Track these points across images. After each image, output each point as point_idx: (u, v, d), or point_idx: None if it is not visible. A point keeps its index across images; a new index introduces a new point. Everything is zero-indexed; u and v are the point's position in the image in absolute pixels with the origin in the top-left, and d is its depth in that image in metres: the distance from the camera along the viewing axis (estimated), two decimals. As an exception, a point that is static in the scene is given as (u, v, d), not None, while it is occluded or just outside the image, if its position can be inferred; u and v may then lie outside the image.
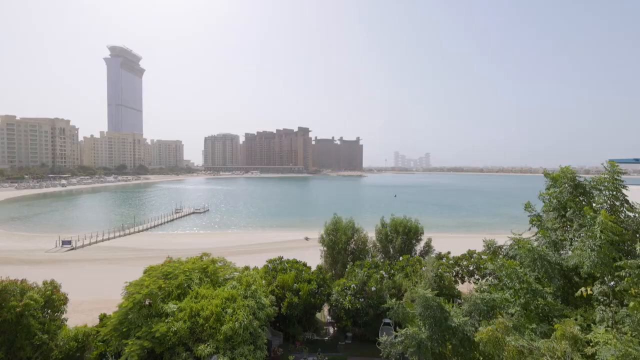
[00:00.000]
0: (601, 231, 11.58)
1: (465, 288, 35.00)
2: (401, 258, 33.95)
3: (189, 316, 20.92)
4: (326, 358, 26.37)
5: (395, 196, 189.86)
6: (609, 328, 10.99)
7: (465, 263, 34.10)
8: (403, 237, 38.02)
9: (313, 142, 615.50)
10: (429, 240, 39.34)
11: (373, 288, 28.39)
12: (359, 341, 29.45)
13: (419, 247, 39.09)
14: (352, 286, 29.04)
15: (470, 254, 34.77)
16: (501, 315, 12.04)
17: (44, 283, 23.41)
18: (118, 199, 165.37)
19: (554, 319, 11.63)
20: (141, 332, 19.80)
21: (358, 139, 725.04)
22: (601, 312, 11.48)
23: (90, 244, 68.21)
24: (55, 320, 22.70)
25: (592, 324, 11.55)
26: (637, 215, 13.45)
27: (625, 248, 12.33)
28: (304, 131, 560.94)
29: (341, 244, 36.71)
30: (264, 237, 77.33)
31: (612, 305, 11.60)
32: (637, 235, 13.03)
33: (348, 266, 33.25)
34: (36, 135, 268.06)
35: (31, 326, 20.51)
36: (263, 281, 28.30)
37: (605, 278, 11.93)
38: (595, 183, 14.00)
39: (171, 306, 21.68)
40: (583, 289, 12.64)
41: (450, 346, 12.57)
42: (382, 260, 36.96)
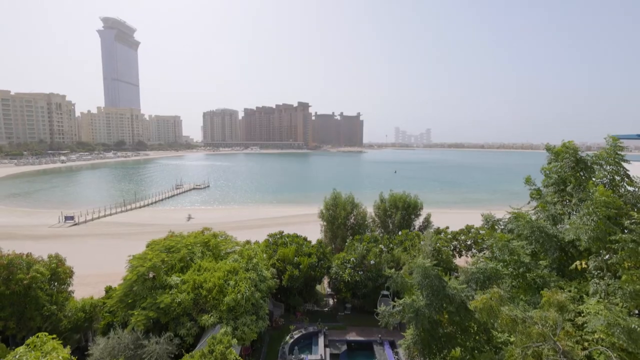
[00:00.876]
0: (596, 208, 11.64)
1: (462, 262, 35.68)
2: (400, 233, 34.43)
3: (192, 288, 21.46)
4: (326, 328, 27.34)
5: (395, 172, 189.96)
6: (601, 300, 11.27)
7: (463, 238, 34.62)
8: (402, 213, 38.37)
9: (313, 118, 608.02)
10: (428, 215, 39.72)
11: (372, 261, 28.95)
12: (358, 312, 30.43)
13: (418, 222, 39.54)
14: (352, 260, 29.62)
15: (468, 229, 35.23)
16: (497, 285, 12.35)
17: (49, 257, 23.89)
18: (118, 175, 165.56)
19: (547, 290, 11.92)
20: (146, 303, 20.39)
21: (358, 115, 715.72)
22: (595, 285, 11.73)
23: (92, 220, 69.00)
24: (62, 292, 23.36)
25: (585, 296, 11.84)
26: (637, 189, 13.45)
27: (623, 222, 12.42)
28: (304, 106, 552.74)
29: (341, 219, 37.09)
30: (265, 213, 78.09)
31: (606, 278, 11.84)
32: (636, 208, 13.09)
33: (347, 240, 33.76)
34: (32, 110, 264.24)
35: (39, 298, 21.12)
36: (264, 255, 28.82)
37: (601, 252, 12.11)
38: (596, 158, 13.92)
39: (174, 279, 22.21)
40: (578, 263, 12.86)
41: (446, 314, 12.98)
42: (381, 234, 37.51)
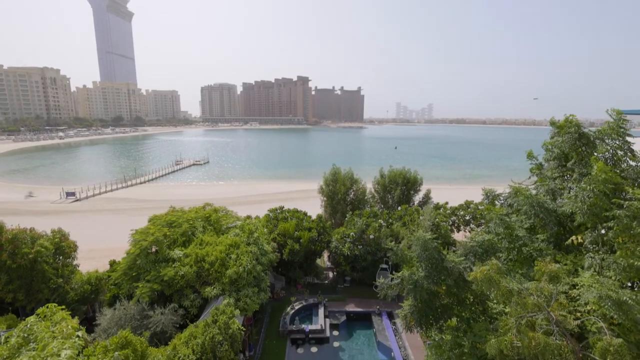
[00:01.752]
0: (594, 184, 11.62)
1: (460, 237, 36.21)
2: (399, 208, 34.69)
3: (195, 261, 21.90)
4: (326, 299, 28.16)
5: (395, 148, 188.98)
6: (595, 273, 11.49)
7: (462, 213, 34.90)
8: (402, 188, 38.48)
9: (313, 92, 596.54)
10: (428, 191, 39.86)
11: (371, 236, 29.37)
12: (357, 284, 31.25)
13: (418, 198, 39.75)
14: (351, 234, 30.03)
15: (467, 204, 35.45)
16: (496, 258, 12.56)
17: (53, 232, 24.21)
18: (117, 151, 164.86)
19: (541, 260, 12.14)
20: (150, 276, 20.88)
21: (359, 89, 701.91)
22: (589, 259, 11.92)
23: (94, 195, 69.39)
24: (67, 266, 23.87)
25: (580, 269, 12.06)
26: (639, 164, 13.37)
27: (622, 197, 12.44)
28: (304, 80, 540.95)
29: (340, 194, 37.26)
30: (265, 188, 78.42)
31: (601, 252, 12.01)
32: (637, 184, 13.07)
33: (347, 215, 34.08)
34: (27, 85, 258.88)
35: (45, 271, 21.60)
36: (265, 229, 29.19)
37: (597, 227, 12.21)
38: (599, 133, 13.72)
39: (177, 252, 22.61)
40: (574, 237, 13.00)
41: (444, 286, 13.29)
42: (381, 210, 37.80)
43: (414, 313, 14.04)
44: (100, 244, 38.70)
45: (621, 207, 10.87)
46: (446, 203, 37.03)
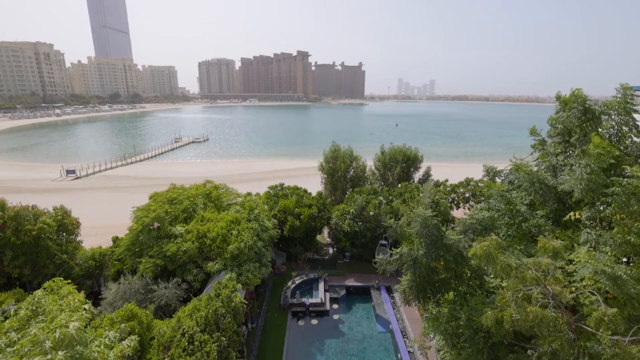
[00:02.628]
0: (590, 159, 11.53)
1: (459, 214, 36.51)
2: (399, 185, 34.75)
3: (197, 237, 22.17)
4: (326, 274, 28.76)
5: (396, 125, 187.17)
6: (591, 249, 11.62)
7: (462, 190, 35.01)
8: (402, 165, 38.39)
9: (313, 68, 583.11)
10: (428, 168, 39.79)
11: (371, 213, 29.58)
12: (357, 260, 31.82)
13: (418, 175, 39.75)
14: (351, 211, 30.24)
15: (467, 182, 35.49)
16: (495, 234, 12.70)
17: (55, 209, 24.35)
18: (115, 129, 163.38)
19: (542, 237, 12.26)
20: (153, 252, 21.21)
21: (360, 64, 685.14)
22: (586, 235, 12.02)
23: (94, 173, 69.42)
24: (71, 242, 24.18)
25: (576, 245, 12.19)
26: (643, 141, 13.21)
27: (623, 173, 12.39)
28: (303, 55, 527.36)
29: (340, 172, 37.24)
30: (264, 166, 78.31)
31: (598, 228, 12.10)
32: (639, 161, 12.98)
33: (347, 193, 34.20)
34: (20, 61, 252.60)
35: (50, 247, 21.90)
36: (265, 206, 29.37)
37: (596, 203, 12.24)
38: (605, 107, 13.46)
39: (179, 228, 22.85)
40: (572, 213, 13.06)
41: (442, 261, 13.52)
42: (381, 187, 37.90)
43: (413, 288, 14.36)
44: (102, 221, 39.10)
45: (620, 185, 10.83)
46: (446, 180, 37.07)
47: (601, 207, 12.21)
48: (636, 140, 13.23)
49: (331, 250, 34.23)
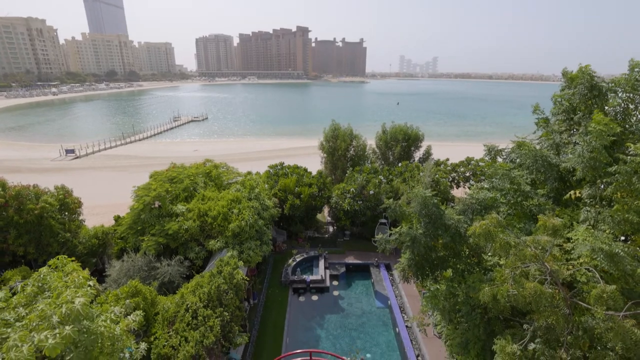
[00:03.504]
0: (592, 136, 11.38)
1: (459, 193, 36.60)
2: (400, 164, 34.63)
3: (198, 216, 22.32)
4: (326, 252, 29.19)
5: (397, 104, 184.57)
6: (590, 227, 11.68)
7: (462, 169, 34.90)
8: (403, 144, 38.11)
9: (313, 44, 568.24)
10: (429, 147, 39.52)
11: (371, 192, 29.64)
12: (357, 238, 32.20)
13: (418, 155, 39.54)
14: (351, 190, 30.30)
15: (468, 161, 35.33)
16: (496, 213, 12.75)
17: (56, 188, 24.40)
18: (113, 108, 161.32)
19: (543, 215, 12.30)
20: (155, 230, 21.42)
21: (362, 41, 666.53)
22: (585, 213, 12.05)
23: (93, 153, 69.19)
24: (74, 221, 24.39)
25: (575, 223, 12.25)
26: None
27: (627, 152, 12.27)
28: (303, 31, 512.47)
29: (340, 151, 37.04)
30: (264, 145, 77.91)
31: (597, 206, 12.11)
32: (643, 139, 12.81)
33: (347, 172, 34.15)
34: (12, 37, 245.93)
35: (53, 226, 22.10)
36: (266, 185, 29.41)
37: (597, 182, 12.20)
38: (613, 84, 13.17)
39: (180, 207, 22.97)
40: (572, 192, 13.05)
41: (440, 240, 13.66)
42: (381, 166, 37.80)
43: (412, 266, 14.58)
44: (103, 200, 39.32)
45: (625, 163, 10.74)
46: (447, 159, 36.91)
47: (602, 186, 12.19)
48: (642, 117, 13.03)
49: (331, 228, 34.58)
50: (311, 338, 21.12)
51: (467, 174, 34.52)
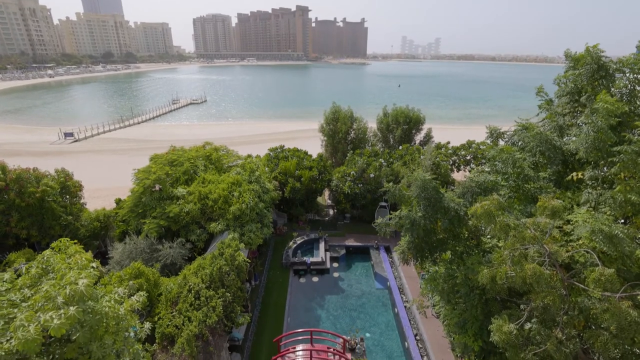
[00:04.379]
0: (597, 116, 11.19)
1: (460, 176, 36.58)
2: (400, 147, 34.44)
3: (199, 199, 22.38)
4: (326, 235, 29.45)
5: (399, 86, 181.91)
6: (591, 209, 11.67)
7: (463, 153, 34.73)
8: (403, 127, 37.80)
9: (313, 24, 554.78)
10: (429, 130, 39.22)
11: (371, 175, 29.61)
12: (357, 221, 32.41)
13: (419, 137, 39.29)
14: (352, 173, 30.26)
15: (469, 144, 35.11)
16: (497, 194, 12.72)
17: (56, 171, 24.37)
18: (111, 90, 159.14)
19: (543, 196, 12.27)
20: (156, 213, 21.53)
21: (363, 21, 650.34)
22: (586, 194, 12.02)
23: (92, 136, 68.75)
24: (75, 204, 24.48)
25: (576, 206, 12.24)
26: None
27: (632, 132, 12.13)
28: (303, 10, 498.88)
29: (341, 134, 36.77)
30: (264, 128, 77.30)
31: (599, 188, 12.06)
32: (648, 120, 12.63)
33: (348, 155, 34.01)
34: (5, 17, 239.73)
35: (54, 209, 22.20)
36: (266, 168, 29.35)
37: (600, 163, 12.11)
38: (620, 64, 12.86)
39: (180, 190, 23.01)
40: (574, 174, 12.97)
41: (439, 223, 13.72)
42: (382, 149, 37.62)
43: (411, 249, 14.70)
44: (104, 184, 39.36)
45: (631, 143, 10.61)
46: (448, 143, 36.67)
47: (605, 168, 12.11)
48: (648, 99, 12.80)
49: (332, 211, 34.75)
50: (312, 318, 21.59)
51: (468, 157, 34.39)
